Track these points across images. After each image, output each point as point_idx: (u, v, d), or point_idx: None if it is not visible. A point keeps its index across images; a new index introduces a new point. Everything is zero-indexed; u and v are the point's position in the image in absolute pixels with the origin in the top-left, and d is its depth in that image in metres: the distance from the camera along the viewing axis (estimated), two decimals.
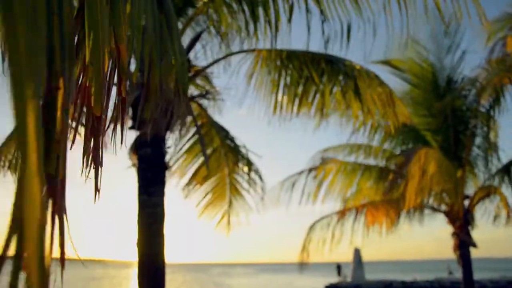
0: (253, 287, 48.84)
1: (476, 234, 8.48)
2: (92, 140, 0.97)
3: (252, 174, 6.62)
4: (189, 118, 4.82)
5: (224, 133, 6.36)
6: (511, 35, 7.95)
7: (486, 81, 7.80)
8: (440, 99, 8.93)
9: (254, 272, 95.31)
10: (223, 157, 6.46)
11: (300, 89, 5.35)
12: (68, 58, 0.79)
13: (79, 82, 0.98)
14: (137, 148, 4.38)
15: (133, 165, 4.45)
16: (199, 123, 5.99)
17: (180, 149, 6.30)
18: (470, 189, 8.77)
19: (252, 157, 6.62)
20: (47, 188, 0.71)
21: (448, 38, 9.19)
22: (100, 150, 0.97)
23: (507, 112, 8.39)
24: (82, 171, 0.96)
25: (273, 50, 5.14)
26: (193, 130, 6.14)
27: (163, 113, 3.31)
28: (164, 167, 4.43)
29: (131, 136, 4.45)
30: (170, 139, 4.99)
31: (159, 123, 4.14)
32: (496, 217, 8.60)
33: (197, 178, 6.61)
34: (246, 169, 6.60)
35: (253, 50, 5.28)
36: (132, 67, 4.74)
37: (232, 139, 6.41)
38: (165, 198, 4.36)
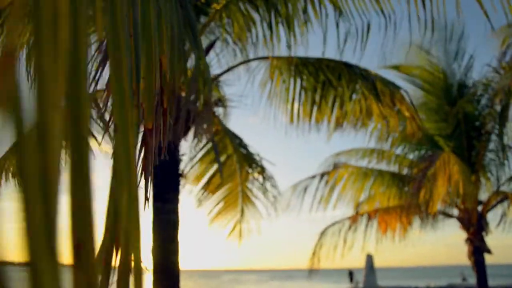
0: None
1: (490, 240, 8.41)
2: (143, 150, 0.99)
3: (266, 182, 6.60)
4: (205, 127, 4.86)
5: (237, 141, 6.35)
6: None
7: (499, 85, 7.76)
8: (452, 105, 8.90)
9: (265, 279, 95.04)
10: (236, 165, 6.46)
11: (317, 95, 5.34)
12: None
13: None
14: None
15: None
16: (213, 130, 6.00)
17: (194, 156, 6.32)
18: (483, 195, 8.70)
19: (266, 165, 6.62)
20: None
21: (455, 44, 9.19)
22: (151, 160, 0.96)
23: None
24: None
25: (287, 57, 5.15)
26: (206, 138, 6.15)
27: (180, 120, 3.33)
28: (179, 174, 4.45)
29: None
30: (184, 146, 5.02)
31: (174, 131, 4.17)
32: (510, 222, 8.54)
33: (210, 187, 6.62)
34: (259, 177, 6.58)
35: (267, 58, 5.29)
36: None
37: (245, 147, 6.40)
38: (179, 205, 4.38)
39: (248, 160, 6.49)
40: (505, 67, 7.96)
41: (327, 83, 5.16)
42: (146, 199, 0.96)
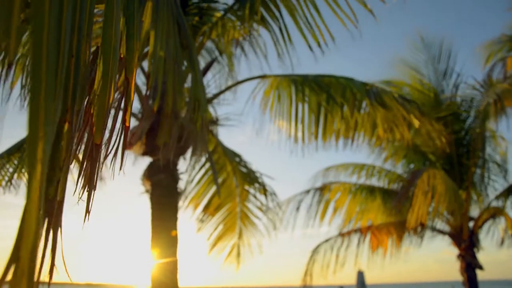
0: None
1: (482, 256, 8.45)
2: (89, 165, 1.01)
3: (268, 199, 6.49)
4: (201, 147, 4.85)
5: (237, 159, 6.29)
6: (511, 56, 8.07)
7: (484, 103, 7.89)
8: (441, 121, 9.01)
9: None
10: (234, 184, 6.41)
11: (322, 113, 5.30)
12: (80, 95, 0.87)
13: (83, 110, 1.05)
14: (150, 174, 4.42)
15: (147, 191, 4.49)
16: (210, 149, 5.98)
17: (194, 177, 6.27)
18: (474, 211, 8.78)
19: (266, 181, 6.54)
20: (45, 209, 0.80)
21: (444, 63, 9.37)
22: (95, 175, 1.01)
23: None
24: (75, 193, 1.02)
25: (286, 76, 5.16)
26: (205, 158, 6.10)
27: (178, 140, 3.36)
28: (178, 192, 4.46)
29: (144, 162, 4.51)
30: (183, 165, 5.01)
31: (172, 149, 4.19)
32: (502, 239, 8.60)
33: (209, 209, 6.52)
34: (258, 195, 6.47)
35: (264, 76, 5.31)
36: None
37: (245, 165, 6.34)
38: (178, 223, 4.38)
39: (248, 178, 6.42)
40: (491, 84, 8.10)
41: (331, 101, 5.13)
42: (87, 212, 0.99)
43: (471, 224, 8.54)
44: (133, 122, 4.51)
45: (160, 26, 2.14)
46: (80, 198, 0.98)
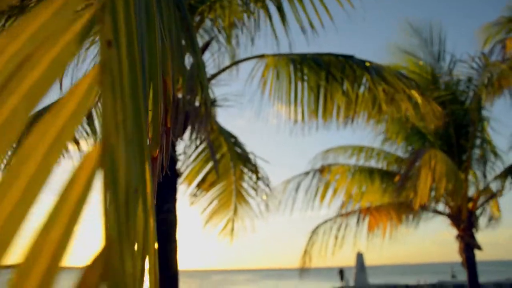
0: None
1: (480, 237, 8.51)
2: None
3: (260, 182, 6.57)
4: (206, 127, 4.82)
5: (232, 140, 6.32)
6: (511, 38, 8.01)
7: (481, 83, 7.86)
8: (440, 103, 8.98)
9: (256, 279, 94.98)
10: (230, 164, 6.45)
11: (322, 92, 5.26)
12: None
13: None
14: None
15: None
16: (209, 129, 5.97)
17: (190, 156, 6.30)
18: (473, 192, 8.80)
19: (260, 164, 6.58)
20: None
21: (436, 45, 9.32)
22: (154, 187, 1.01)
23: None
24: None
25: (284, 55, 5.10)
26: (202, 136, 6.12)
27: (175, 120, 3.33)
28: (176, 173, 4.45)
29: None
30: (181, 146, 4.99)
31: (171, 131, 4.16)
32: (490, 219, 8.71)
33: (204, 185, 6.57)
34: (253, 176, 6.55)
35: (263, 56, 5.26)
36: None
37: (240, 146, 6.37)
38: (177, 204, 4.38)
39: (242, 159, 6.46)
40: (490, 65, 8.05)
41: (331, 79, 5.07)
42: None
43: (469, 205, 8.57)
44: None
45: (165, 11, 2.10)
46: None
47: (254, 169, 6.46)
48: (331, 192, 9.12)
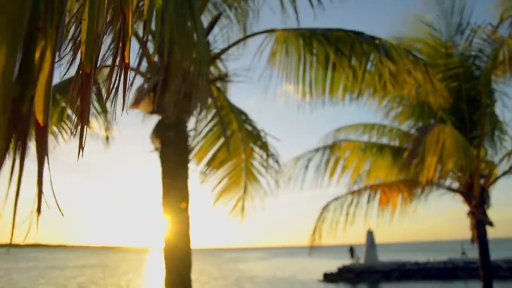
0: (270, 271, 49.17)
1: (492, 214, 8.44)
2: (79, 98, 0.95)
3: (270, 159, 6.54)
4: (209, 101, 4.80)
5: (243, 116, 6.27)
6: None
7: (492, 57, 7.71)
8: (454, 78, 8.85)
9: (268, 256, 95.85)
10: (240, 141, 6.41)
11: (330, 68, 5.22)
12: (58, 5, 0.79)
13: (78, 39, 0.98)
14: (159, 132, 4.38)
15: (156, 149, 4.47)
16: (218, 104, 5.93)
17: (200, 133, 6.27)
18: (486, 169, 8.71)
19: (270, 141, 6.55)
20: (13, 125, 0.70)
21: (457, 17, 9.09)
22: (87, 109, 0.95)
23: None
24: (73, 129, 0.96)
25: (294, 30, 5.03)
26: (212, 113, 6.09)
27: (185, 96, 3.30)
28: (187, 150, 4.44)
29: (152, 120, 4.46)
30: (191, 123, 4.97)
31: (181, 106, 4.13)
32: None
33: (214, 162, 6.55)
34: (263, 153, 6.52)
35: (272, 31, 5.19)
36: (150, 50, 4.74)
37: (251, 123, 6.33)
38: (189, 181, 4.38)
39: (253, 136, 6.42)
40: (503, 39, 7.87)
41: (339, 54, 5.02)
42: (81, 147, 0.92)
43: (482, 181, 8.50)
44: (140, 80, 4.45)
45: None
46: (74, 134, 0.93)
47: (264, 147, 6.42)
48: (341, 168, 9.08)
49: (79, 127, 0.92)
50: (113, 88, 1.06)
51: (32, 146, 0.75)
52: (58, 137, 5.51)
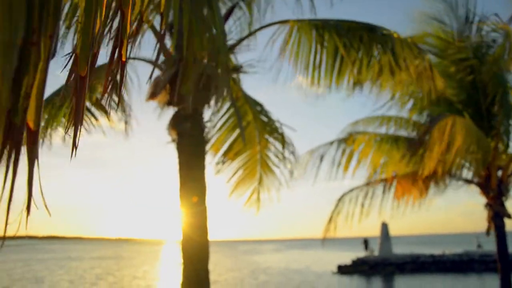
0: (285, 263, 49.35)
1: (509, 205, 8.37)
2: (74, 99, 0.96)
3: (286, 150, 6.54)
4: (225, 92, 4.82)
5: (258, 108, 6.28)
6: None
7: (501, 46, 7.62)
8: (469, 69, 8.75)
9: (282, 248, 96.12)
10: (255, 132, 6.43)
11: (338, 58, 5.25)
12: (52, 15, 0.80)
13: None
14: (176, 123, 4.41)
15: (173, 140, 4.50)
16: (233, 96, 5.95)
17: (215, 125, 6.30)
18: (504, 160, 8.62)
19: (286, 132, 6.55)
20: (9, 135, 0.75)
21: (463, 8, 8.95)
22: (81, 110, 0.96)
23: None
24: (65, 129, 0.98)
25: (307, 21, 5.04)
26: (227, 104, 6.11)
27: (202, 87, 3.31)
28: (204, 141, 4.47)
29: (168, 113, 4.49)
30: (207, 114, 5.00)
31: (197, 98, 4.16)
32: None
33: (229, 154, 6.56)
34: (279, 144, 6.52)
35: (286, 21, 5.20)
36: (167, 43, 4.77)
37: (266, 114, 6.33)
38: (205, 172, 4.40)
39: (268, 127, 6.43)
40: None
41: (348, 45, 5.05)
42: (74, 146, 0.94)
43: (499, 173, 8.42)
44: (156, 72, 4.48)
45: None
46: (67, 132, 0.95)
47: (280, 138, 6.42)
48: (356, 161, 9.05)
49: (72, 127, 0.94)
50: (109, 85, 1.09)
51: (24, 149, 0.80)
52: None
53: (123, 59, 1.05)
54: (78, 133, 0.95)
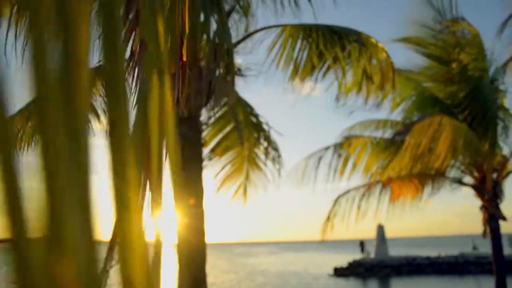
0: (281, 265, 49.35)
1: (504, 208, 8.41)
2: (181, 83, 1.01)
3: (271, 151, 6.71)
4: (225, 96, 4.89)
5: (249, 109, 6.45)
6: None
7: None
8: (464, 75, 8.81)
9: (278, 251, 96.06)
10: (245, 131, 6.56)
11: (320, 64, 5.42)
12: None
13: None
14: None
15: None
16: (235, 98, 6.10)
17: (207, 123, 6.39)
18: (499, 162, 8.68)
19: (274, 135, 6.78)
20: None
21: (450, 14, 8.99)
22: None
23: None
24: None
25: (299, 26, 5.13)
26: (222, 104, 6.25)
27: (202, 90, 3.33)
28: (201, 144, 4.49)
29: None
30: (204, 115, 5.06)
31: (195, 101, 4.18)
32: None
33: (217, 150, 6.71)
34: (265, 144, 6.69)
35: (278, 26, 5.28)
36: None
37: (256, 116, 6.49)
38: (203, 175, 4.43)
39: (257, 128, 6.61)
40: None
41: (330, 49, 5.23)
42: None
43: (494, 175, 8.46)
44: None
45: None
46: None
47: (267, 138, 6.57)
48: (351, 165, 9.10)
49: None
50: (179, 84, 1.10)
51: None
52: None
53: (184, 59, 1.07)
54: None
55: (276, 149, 6.76)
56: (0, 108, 0.35)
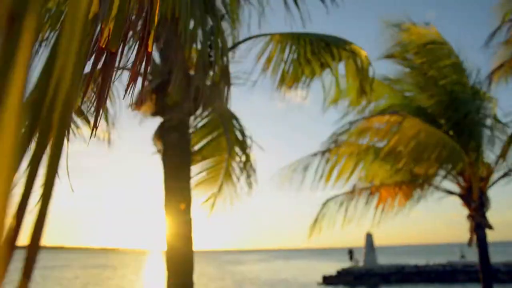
0: (269, 273, 49.17)
1: (491, 217, 8.48)
2: (101, 75, 0.93)
3: (248, 167, 6.62)
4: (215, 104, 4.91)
5: (234, 120, 6.40)
6: None
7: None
8: (450, 82, 8.90)
9: (267, 259, 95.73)
10: (226, 141, 6.50)
11: (307, 71, 5.50)
12: None
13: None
14: (162, 134, 4.43)
15: (158, 151, 4.51)
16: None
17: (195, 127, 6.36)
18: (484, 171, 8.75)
19: (254, 150, 6.68)
20: None
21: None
22: (107, 89, 0.93)
23: None
24: (82, 103, 0.93)
25: (287, 34, 5.18)
26: (206, 111, 6.22)
27: (189, 98, 3.34)
28: (189, 151, 4.49)
29: (153, 122, 4.51)
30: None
31: (184, 108, 4.19)
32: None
33: (197, 157, 6.53)
34: (243, 159, 6.60)
35: (266, 35, 5.33)
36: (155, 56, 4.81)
37: (240, 128, 6.44)
38: (191, 181, 4.43)
39: (239, 142, 6.51)
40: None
41: (313, 57, 5.33)
42: (95, 126, 0.91)
43: (481, 184, 8.53)
44: (142, 82, 4.49)
45: None
46: (89, 110, 0.95)
47: (246, 151, 6.53)
48: (337, 172, 9.11)
49: (95, 105, 0.92)
50: (135, 76, 1.06)
51: None
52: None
53: (149, 49, 1.04)
54: (100, 112, 0.93)
55: (252, 166, 6.68)
56: None
